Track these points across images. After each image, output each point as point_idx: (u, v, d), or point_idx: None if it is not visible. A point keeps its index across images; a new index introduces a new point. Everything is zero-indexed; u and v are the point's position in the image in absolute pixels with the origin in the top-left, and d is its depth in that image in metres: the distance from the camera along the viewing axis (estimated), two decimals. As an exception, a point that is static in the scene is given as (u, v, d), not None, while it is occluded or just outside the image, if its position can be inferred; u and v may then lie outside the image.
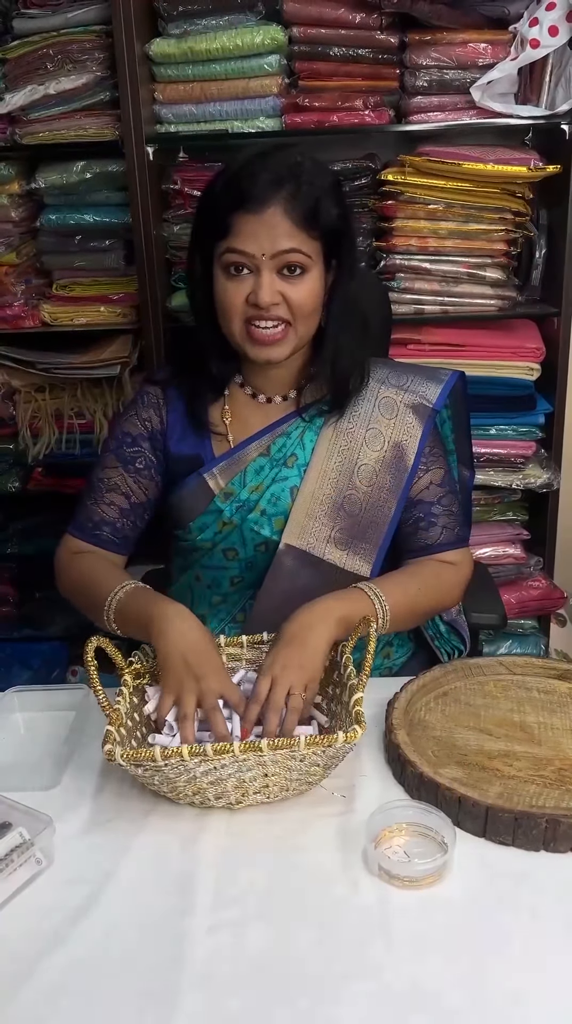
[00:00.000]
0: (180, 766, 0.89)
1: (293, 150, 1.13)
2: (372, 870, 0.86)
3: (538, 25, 1.70)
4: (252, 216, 1.08)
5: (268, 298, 1.10)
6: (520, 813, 0.87)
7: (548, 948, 0.78)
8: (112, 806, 0.98)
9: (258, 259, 1.09)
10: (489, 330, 1.96)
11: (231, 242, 1.10)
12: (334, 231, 1.14)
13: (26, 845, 0.86)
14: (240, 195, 1.08)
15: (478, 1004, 0.73)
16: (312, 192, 1.10)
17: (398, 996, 0.74)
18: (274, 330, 1.13)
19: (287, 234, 1.09)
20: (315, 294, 1.14)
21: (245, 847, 0.91)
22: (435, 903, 0.83)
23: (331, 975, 0.76)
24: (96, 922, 0.83)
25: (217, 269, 1.13)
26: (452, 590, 1.27)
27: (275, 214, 1.08)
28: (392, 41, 1.80)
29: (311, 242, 1.11)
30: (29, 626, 2.30)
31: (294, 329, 1.14)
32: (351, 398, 1.23)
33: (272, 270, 1.10)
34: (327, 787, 0.97)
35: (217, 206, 1.11)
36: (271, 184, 1.08)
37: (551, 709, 1.09)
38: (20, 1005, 0.75)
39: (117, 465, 1.26)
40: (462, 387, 1.32)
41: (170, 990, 0.75)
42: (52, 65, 1.79)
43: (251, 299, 1.11)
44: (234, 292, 1.12)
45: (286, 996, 0.75)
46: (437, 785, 0.91)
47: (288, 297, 1.11)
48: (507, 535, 2.09)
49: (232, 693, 1.02)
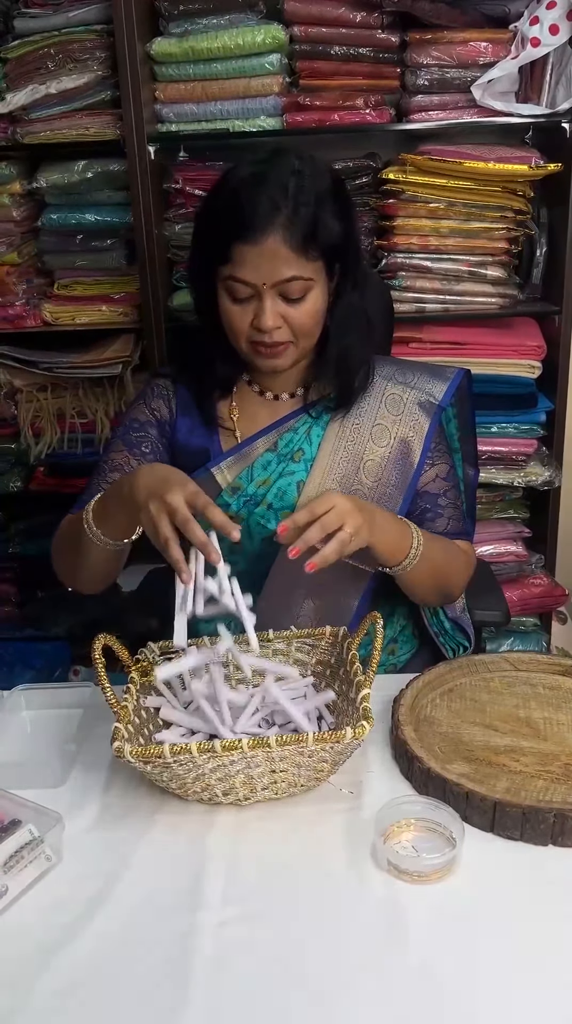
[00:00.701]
0: (189, 762, 0.89)
1: (290, 158, 1.11)
2: (381, 865, 0.86)
3: (539, 23, 1.70)
4: (251, 247, 1.08)
5: (270, 323, 1.11)
6: (528, 808, 0.87)
7: (558, 942, 0.79)
8: (120, 803, 0.98)
9: (259, 287, 1.10)
10: (490, 328, 1.97)
11: (232, 270, 1.10)
12: (335, 246, 1.13)
13: (36, 842, 0.87)
14: (238, 224, 1.07)
15: (489, 999, 0.73)
16: (310, 212, 1.08)
17: (407, 990, 0.74)
18: (277, 346, 1.14)
19: (286, 262, 1.09)
20: (317, 312, 1.15)
21: (254, 843, 0.91)
22: (444, 897, 0.83)
23: (340, 970, 0.76)
24: (105, 919, 0.83)
25: (220, 288, 1.13)
26: (462, 571, 1.29)
27: (274, 242, 1.07)
28: (393, 40, 1.80)
29: (312, 264, 1.11)
30: (31, 626, 2.30)
31: (296, 345, 1.16)
32: (357, 395, 1.24)
33: (274, 296, 1.11)
34: (335, 783, 0.98)
35: (217, 231, 1.10)
36: (269, 212, 1.06)
37: (556, 705, 1.09)
38: (32, 1001, 0.75)
39: (123, 449, 1.27)
40: (468, 385, 1.32)
41: (180, 986, 0.75)
42: (53, 64, 1.79)
43: (255, 324, 1.12)
44: (238, 316, 1.13)
45: (296, 991, 0.75)
46: (445, 780, 0.91)
47: (290, 319, 1.12)
48: (508, 533, 2.10)
49: (198, 497, 0.98)
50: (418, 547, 1.16)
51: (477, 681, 1.15)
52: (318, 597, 1.26)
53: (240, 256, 1.08)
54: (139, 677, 1.05)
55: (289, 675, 1.03)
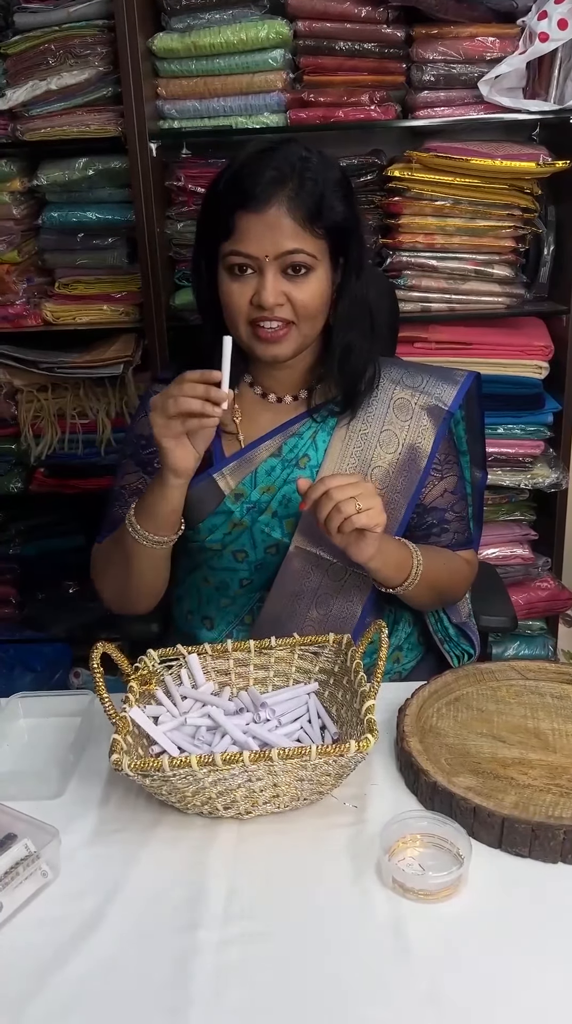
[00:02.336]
0: (189, 776, 0.87)
1: (298, 145, 1.11)
2: (385, 882, 0.84)
3: (547, 18, 1.68)
4: (254, 216, 1.06)
5: (272, 299, 1.08)
6: (537, 824, 0.85)
7: (567, 963, 0.76)
8: (119, 816, 0.96)
9: (261, 260, 1.07)
10: (496, 328, 1.94)
11: (234, 243, 1.07)
12: (340, 229, 1.11)
13: (32, 858, 0.84)
14: (242, 194, 1.06)
15: (496, 1020, 0.71)
16: (316, 189, 1.07)
17: (413, 1012, 0.72)
18: (277, 330, 1.11)
19: (290, 234, 1.07)
20: (320, 294, 1.12)
21: (255, 859, 0.89)
22: (450, 916, 0.81)
23: (343, 991, 0.74)
24: (103, 936, 0.81)
25: (221, 270, 1.11)
26: (463, 582, 1.30)
27: (278, 214, 1.06)
28: (398, 35, 1.78)
29: (316, 241, 1.09)
30: (32, 628, 2.28)
31: (298, 328, 1.12)
32: (363, 398, 1.21)
33: (276, 271, 1.08)
34: (339, 797, 0.95)
35: (219, 205, 1.09)
36: (273, 182, 1.05)
37: (565, 715, 1.07)
38: (28, 1020, 0.73)
39: (136, 470, 1.26)
40: (477, 389, 1.30)
41: (179, 1007, 0.73)
42: (54, 61, 1.77)
43: (255, 300, 1.09)
44: (238, 293, 1.10)
45: (298, 1012, 0.73)
46: (452, 795, 0.89)
47: (292, 298, 1.09)
48: (515, 535, 2.08)
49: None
50: (418, 569, 1.16)
51: (484, 690, 1.12)
52: (322, 605, 1.23)
53: (243, 226, 1.06)
54: (138, 686, 1.03)
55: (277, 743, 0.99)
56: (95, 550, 1.28)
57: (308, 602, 1.23)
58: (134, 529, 1.12)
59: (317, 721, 1.05)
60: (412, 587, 1.16)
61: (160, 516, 1.11)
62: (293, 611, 1.23)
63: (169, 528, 1.13)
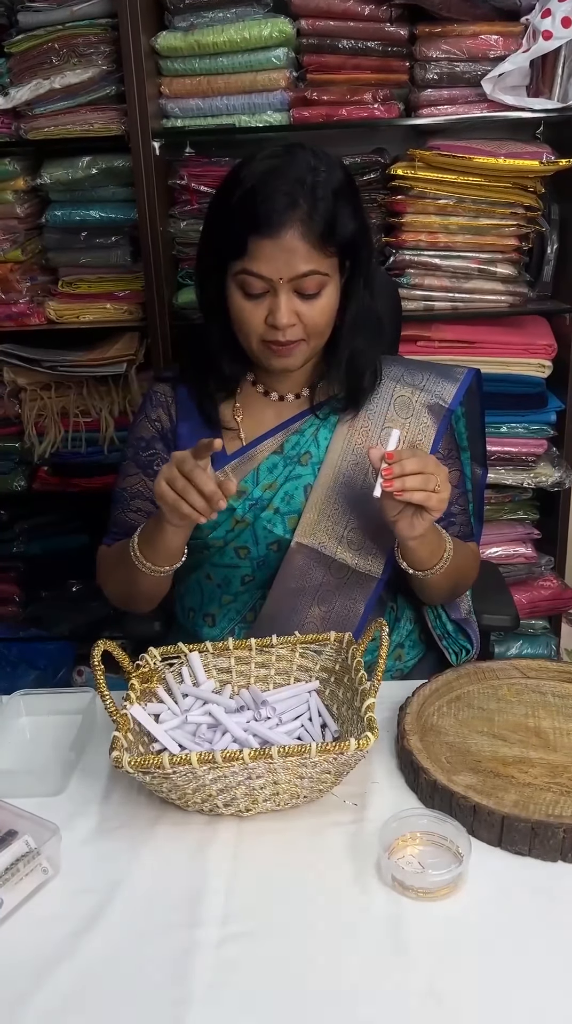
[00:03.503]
0: (189, 773, 0.87)
1: (305, 152, 1.10)
2: (385, 880, 0.84)
3: (551, 16, 1.67)
4: (268, 240, 1.05)
5: (285, 320, 1.08)
6: (537, 823, 0.85)
7: (567, 961, 0.76)
8: (120, 813, 0.96)
9: (275, 282, 1.07)
10: (500, 327, 1.94)
11: (247, 264, 1.07)
12: (351, 243, 1.12)
13: (32, 854, 0.85)
14: (255, 217, 1.05)
15: (495, 1019, 0.71)
16: (328, 208, 1.07)
17: (412, 1011, 0.72)
18: (289, 344, 1.12)
19: (305, 257, 1.07)
20: (330, 310, 1.13)
21: (255, 856, 0.89)
22: (450, 915, 0.81)
23: (343, 990, 0.74)
24: (103, 933, 0.81)
25: (231, 284, 1.11)
26: (473, 573, 1.31)
27: (293, 237, 1.05)
28: (401, 33, 1.77)
29: (327, 259, 1.09)
30: (35, 626, 2.29)
31: (308, 343, 1.13)
32: (366, 395, 1.21)
33: (289, 291, 1.08)
34: (339, 794, 0.96)
35: (232, 224, 1.08)
36: (288, 206, 1.05)
37: (567, 714, 1.07)
38: (27, 1017, 0.73)
39: (137, 472, 1.26)
40: (478, 385, 1.30)
41: (178, 1004, 0.73)
42: (57, 59, 1.76)
43: (269, 320, 1.09)
44: (251, 313, 1.10)
45: (297, 1011, 0.73)
46: (452, 793, 0.89)
47: (303, 317, 1.10)
48: (518, 534, 2.07)
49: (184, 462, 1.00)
50: (449, 555, 1.16)
51: (485, 689, 1.12)
52: (324, 602, 1.24)
53: (256, 250, 1.06)
54: (139, 684, 1.03)
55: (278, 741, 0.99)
56: (100, 553, 1.28)
57: (310, 599, 1.23)
58: (137, 559, 1.12)
59: (318, 719, 1.05)
60: (440, 572, 1.16)
61: (163, 552, 1.11)
62: (295, 608, 1.23)
63: (172, 559, 1.13)
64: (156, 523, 1.10)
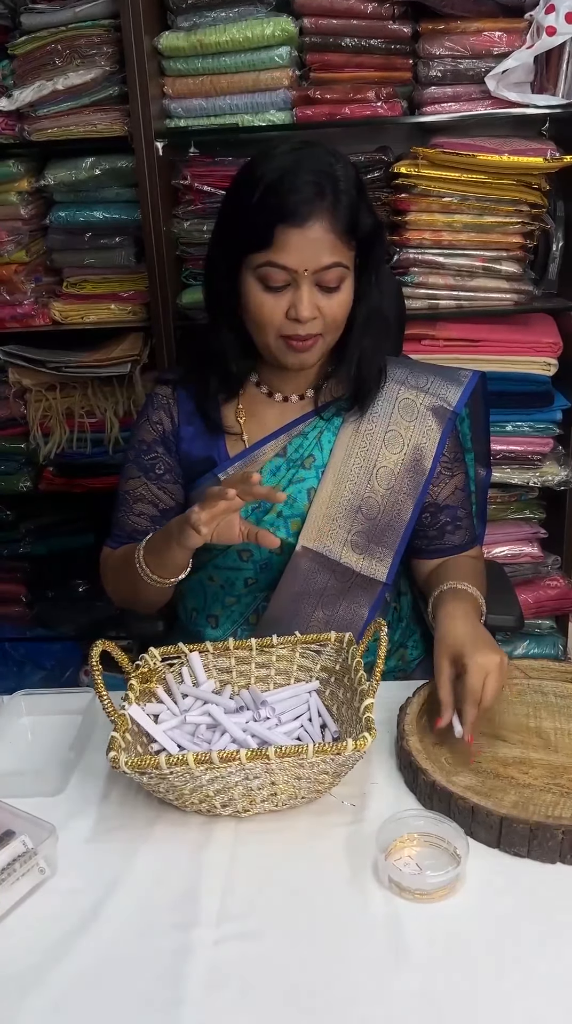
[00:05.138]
0: (186, 774, 0.87)
1: (321, 149, 1.09)
2: (382, 882, 0.84)
3: (554, 12, 1.66)
4: (296, 230, 1.05)
5: (308, 313, 1.08)
6: (536, 824, 0.84)
7: (565, 964, 0.76)
8: (117, 813, 0.96)
9: (300, 274, 1.06)
10: (505, 325, 1.93)
11: (272, 256, 1.06)
12: (370, 238, 1.11)
13: (29, 854, 0.85)
14: (282, 208, 1.04)
15: (491, 1021, 0.71)
16: (350, 201, 1.07)
17: (409, 1013, 0.72)
18: (307, 339, 1.11)
19: (330, 248, 1.06)
20: (348, 305, 1.12)
21: (252, 857, 0.89)
22: (447, 917, 0.80)
23: (338, 991, 0.74)
24: (100, 933, 0.81)
25: (250, 278, 1.09)
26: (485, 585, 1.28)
27: (320, 228, 1.05)
28: (405, 31, 1.77)
29: (349, 252, 1.09)
30: (42, 626, 2.29)
31: (324, 338, 1.13)
32: (372, 397, 1.21)
33: (311, 284, 1.08)
34: (337, 795, 0.95)
35: (256, 215, 1.06)
36: (315, 196, 1.04)
37: (568, 714, 1.06)
38: (23, 1017, 0.73)
39: (139, 475, 1.26)
40: (482, 388, 1.29)
41: (174, 1005, 0.73)
42: (60, 60, 1.77)
43: (291, 314, 1.08)
44: (272, 306, 1.09)
45: (292, 1012, 0.73)
46: (450, 794, 0.89)
47: (323, 310, 1.09)
48: (524, 534, 2.06)
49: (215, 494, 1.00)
50: (483, 607, 1.18)
51: (486, 689, 1.11)
52: (328, 606, 1.23)
53: (283, 240, 1.05)
54: (139, 684, 1.03)
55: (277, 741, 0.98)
56: (104, 554, 1.28)
57: (313, 603, 1.22)
58: (142, 571, 1.12)
59: (318, 720, 1.04)
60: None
61: (170, 566, 1.11)
62: (298, 611, 1.23)
63: (177, 572, 1.13)
64: (164, 538, 1.09)
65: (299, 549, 1.20)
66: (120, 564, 1.21)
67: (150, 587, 1.14)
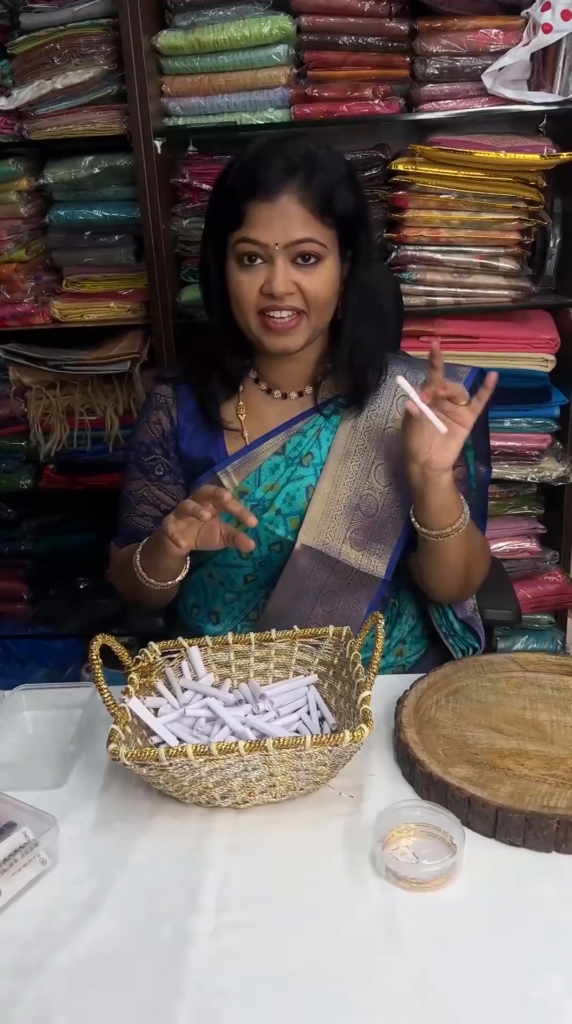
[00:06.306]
0: (185, 766, 0.88)
1: (306, 139, 1.12)
2: (380, 871, 0.85)
3: (551, 9, 1.67)
4: (265, 204, 1.06)
5: (282, 288, 1.08)
6: (531, 814, 0.85)
7: (560, 952, 0.77)
8: (118, 805, 0.97)
9: (272, 248, 1.07)
10: (503, 321, 1.93)
11: (244, 231, 1.08)
12: (349, 220, 1.12)
13: (30, 845, 0.86)
14: (253, 183, 1.06)
15: (488, 1009, 0.72)
16: (326, 179, 1.08)
17: (405, 1001, 0.72)
18: (288, 320, 1.11)
19: (301, 223, 1.07)
20: (330, 283, 1.12)
21: (251, 848, 0.90)
22: (443, 906, 0.81)
23: (336, 980, 0.75)
24: (100, 923, 0.82)
25: (230, 260, 1.11)
26: (485, 564, 1.27)
27: (289, 202, 1.06)
28: (402, 29, 1.77)
29: (326, 231, 1.09)
30: (44, 624, 2.30)
31: (308, 318, 1.12)
32: (370, 392, 1.21)
33: (286, 259, 1.08)
34: (335, 787, 0.96)
35: (230, 195, 1.09)
36: (285, 172, 1.06)
37: (564, 707, 1.07)
38: (24, 1006, 0.74)
39: (140, 476, 1.27)
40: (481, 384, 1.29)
41: (175, 991, 0.74)
42: (59, 60, 1.78)
43: (265, 289, 1.09)
44: (248, 283, 1.10)
45: (291, 1001, 0.73)
46: (446, 785, 0.89)
47: (302, 287, 1.09)
48: (522, 529, 2.07)
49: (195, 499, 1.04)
50: (465, 518, 1.14)
51: (483, 682, 1.12)
52: (327, 603, 1.24)
53: (254, 215, 1.07)
54: (139, 678, 1.04)
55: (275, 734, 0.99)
56: (112, 552, 1.31)
57: (313, 599, 1.23)
58: (140, 575, 1.14)
59: (316, 713, 1.05)
60: (455, 536, 1.13)
61: (163, 569, 1.13)
62: (297, 608, 1.23)
63: (173, 576, 1.15)
64: (156, 542, 1.11)
65: (298, 547, 1.21)
66: (123, 564, 1.23)
67: (150, 590, 1.16)
